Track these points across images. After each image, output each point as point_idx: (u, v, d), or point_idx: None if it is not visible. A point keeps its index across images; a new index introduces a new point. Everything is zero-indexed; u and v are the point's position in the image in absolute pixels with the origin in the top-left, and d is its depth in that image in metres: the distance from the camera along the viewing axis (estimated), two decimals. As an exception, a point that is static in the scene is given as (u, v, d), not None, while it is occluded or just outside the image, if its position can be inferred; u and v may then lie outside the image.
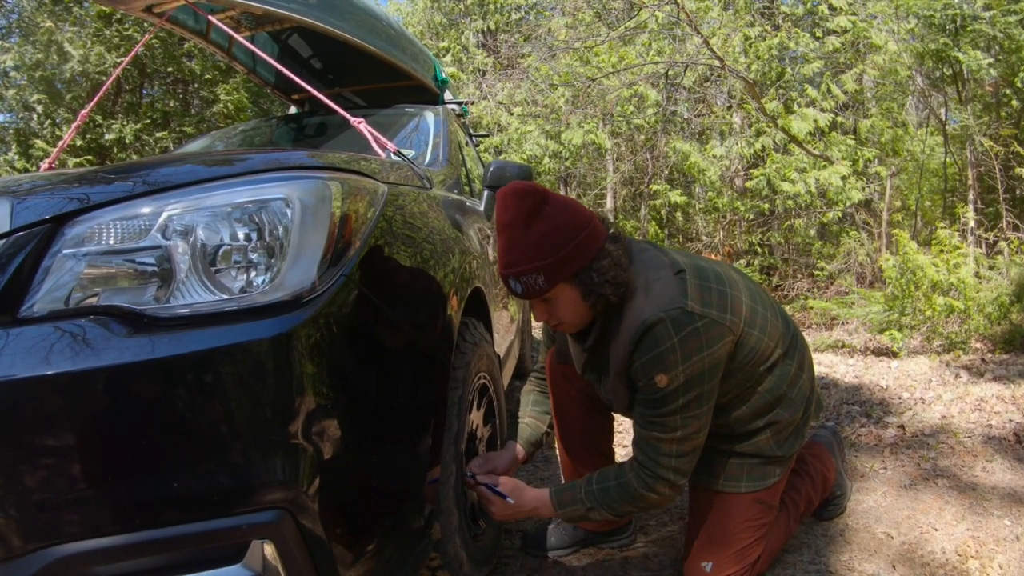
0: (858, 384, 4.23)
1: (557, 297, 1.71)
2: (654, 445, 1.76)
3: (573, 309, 1.74)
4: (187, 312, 1.15)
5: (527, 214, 1.63)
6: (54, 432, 1.06)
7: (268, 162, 1.39)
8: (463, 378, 1.73)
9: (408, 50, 3.65)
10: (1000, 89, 6.00)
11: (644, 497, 1.79)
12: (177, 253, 1.18)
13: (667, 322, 1.65)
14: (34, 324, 1.11)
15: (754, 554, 1.98)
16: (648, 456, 1.78)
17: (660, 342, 1.65)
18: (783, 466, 1.98)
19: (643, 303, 1.70)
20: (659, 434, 1.74)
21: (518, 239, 1.63)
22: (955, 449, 3.07)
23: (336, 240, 1.27)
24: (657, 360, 1.66)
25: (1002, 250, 5.61)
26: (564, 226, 1.65)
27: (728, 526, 1.94)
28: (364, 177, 1.50)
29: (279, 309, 1.17)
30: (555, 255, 1.63)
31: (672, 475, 1.77)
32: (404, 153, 2.46)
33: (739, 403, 1.88)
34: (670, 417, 1.72)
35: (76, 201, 1.21)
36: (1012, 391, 3.83)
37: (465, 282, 1.90)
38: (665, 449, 1.75)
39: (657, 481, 1.77)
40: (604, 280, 1.67)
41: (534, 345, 5.75)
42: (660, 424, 1.73)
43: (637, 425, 1.81)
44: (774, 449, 1.92)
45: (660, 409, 1.72)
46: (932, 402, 3.76)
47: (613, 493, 1.82)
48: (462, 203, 2.39)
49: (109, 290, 1.16)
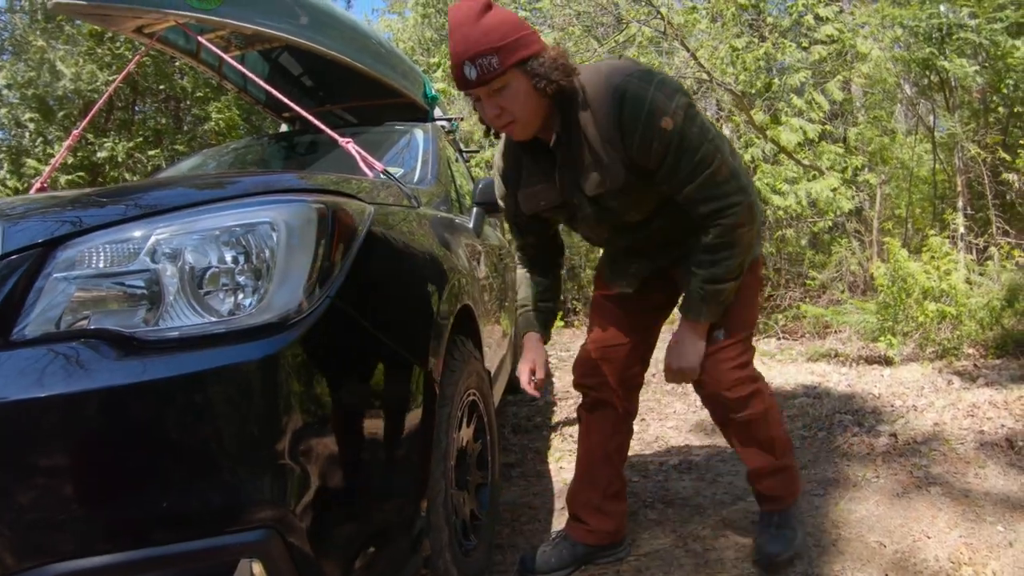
0: (850, 393, 4.25)
1: (509, 86, 1.71)
2: (711, 183, 1.77)
3: (524, 100, 1.73)
4: (176, 335, 1.17)
5: (478, 11, 1.68)
6: (47, 453, 1.08)
7: (257, 185, 1.42)
8: (451, 395, 1.74)
9: (398, 67, 3.67)
10: (987, 96, 6.05)
11: (740, 234, 1.82)
12: (165, 276, 1.20)
13: (635, 77, 1.73)
14: (26, 347, 1.13)
15: (753, 320, 2.14)
16: (714, 197, 1.78)
17: (642, 96, 1.71)
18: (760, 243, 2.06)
19: (601, 80, 1.76)
20: (707, 170, 1.76)
21: (470, 31, 1.67)
22: (948, 456, 3.08)
23: (322, 262, 1.29)
24: (651, 112, 1.70)
25: (992, 255, 5.65)
26: (511, 19, 1.72)
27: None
28: (350, 198, 1.52)
29: (266, 331, 1.19)
30: (505, 40, 1.67)
31: (743, 196, 1.80)
32: (392, 172, 2.48)
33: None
34: (701, 148, 1.74)
35: (67, 225, 1.24)
36: (1005, 396, 3.85)
37: (454, 299, 1.91)
38: (721, 177, 1.77)
39: (738, 211, 1.79)
40: (553, 66, 1.71)
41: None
42: (700, 161, 1.75)
43: (681, 187, 1.80)
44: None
45: (687, 147, 1.73)
46: (924, 409, 3.77)
47: (721, 263, 1.85)
48: (451, 220, 2.40)
49: (99, 313, 1.18)
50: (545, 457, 3.39)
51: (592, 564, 2.35)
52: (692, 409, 3.98)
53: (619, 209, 1.88)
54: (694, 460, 3.22)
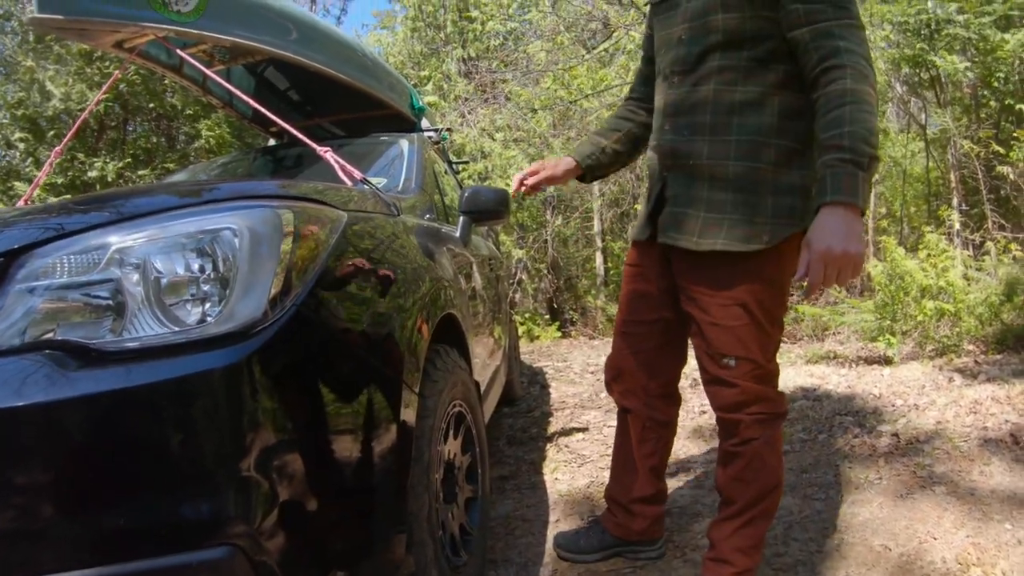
0: (851, 394, 4.19)
1: None
2: (848, 28, 1.58)
3: None
4: (136, 345, 1.14)
5: None
6: (2, 467, 1.05)
7: (230, 192, 1.39)
8: (434, 407, 1.68)
9: (384, 79, 3.65)
10: (978, 91, 6.03)
11: (867, 92, 1.55)
12: (130, 285, 1.17)
13: None
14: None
15: (775, 342, 1.85)
16: (850, 40, 1.57)
17: None
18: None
19: None
20: (848, 20, 1.59)
21: None
22: (951, 454, 3.02)
23: (288, 269, 1.25)
24: None
25: (989, 251, 5.61)
26: None
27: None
28: (324, 205, 1.48)
29: (229, 340, 1.15)
30: None
31: (869, 66, 1.58)
32: (376, 182, 2.45)
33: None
34: (851, 5, 1.61)
35: (31, 235, 1.21)
36: (1007, 391, 3.80)
37: (436, 308, 1.86)
38: (861, 35, 1.60)
39: (871, 68, 1.58)
40: None
41: (523, 370, 5.72)
42: (844, 7, 1.60)
43: (814, 19, 1.60)
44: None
45: None
46: (926, 408, 3.72)
47: (862, 111, 1.53)
48: (436, 230, 2.35)
49: (65, 324, 1.15)
50: (540, 468, 3.33)
51: (625, 559, 2.29)
52: (691, 415, 3.92)
53: (716, 7, 1.70)
54: (692, 467, 3.17)
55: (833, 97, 1.56)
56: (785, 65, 1.71)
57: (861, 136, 1.51)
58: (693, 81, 1.78)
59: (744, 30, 1.70)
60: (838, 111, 1.54)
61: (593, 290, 8.99)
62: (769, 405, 1.85)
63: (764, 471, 1.90)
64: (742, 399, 1.83)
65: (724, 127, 1.74)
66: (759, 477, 1.90)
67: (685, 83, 1.80)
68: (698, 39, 1.76)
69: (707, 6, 1.74)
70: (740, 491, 1.92)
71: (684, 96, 1.80)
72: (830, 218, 1.50)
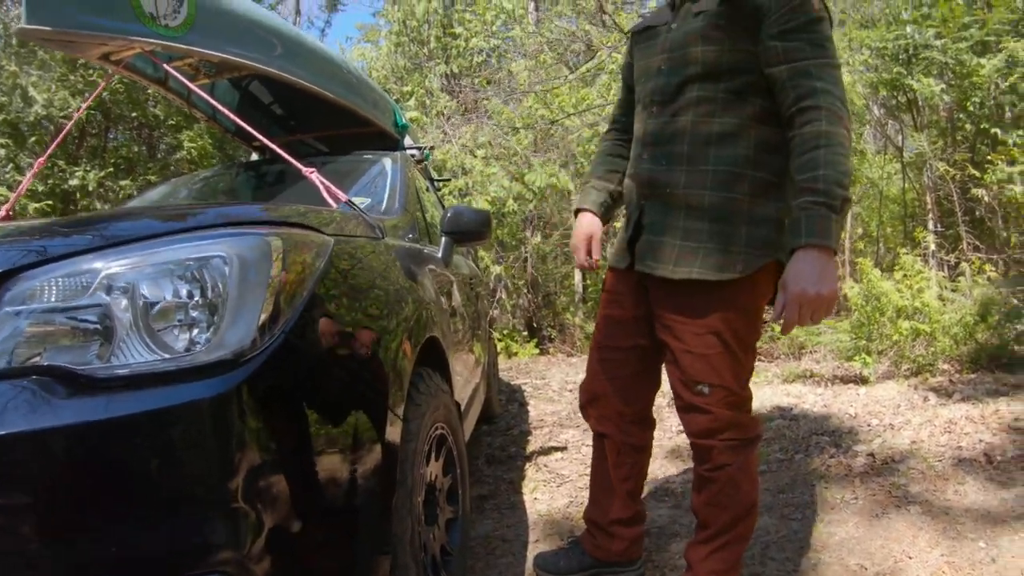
0: (827, 413, 4.24)
1: None
2: (824, 68, 1.64)
3: None
4: (126, 372, 1.14)
5: None
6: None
7: (218, 217, 1.41)
8: (417, 430, 1.69)
9: (368, 97, 3.66)
10: (954, 114, 6.14)
11: (841, 134, 1.60)
12: (118, 310, 1.17)
13: None
14: None
15: (748, 369, 1.88)
16: (826, 81, 1.63)
17: None
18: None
19: None
20: (825, 59, 1.64)
21: None
22: (926, 474, 3.07)
23: (277, 296, 1.26)
24: None
25: (964, 271, 5.70)
26: None
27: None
28: (310, 231, 1.49)
29: (218, 369, 1.15)
30: None
31: (843, 106, 1.63)
32: (359, 202, 2.46)
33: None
34: (829, 43, 1.66)
35: (19, 257, 1.21)
36: (981, 410, 3.86)
37: (419, 331, 1.87)
38: (837, 74, 1.65)
39: (845, 110, 1.63)
40: None
41: (501, 388, 5.73)
42: (822, 46, 1.65)
43: (792, 57, 1.65)
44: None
45: (820, 28, 1.66)
46: (901, 427, 3.77)
47: (836, 154, 1.58)
48: (418, 251, 2.37)
49: (52, 348, 1.15)
50: (519, 488, 3.34)
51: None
52: (668, 435, 3.95)
53: (696, 39, 1.76)
54: (671, 487, 3.19)
55: (808, 139, 1.61)
56: (762, 99, 1.75)
57: (834, 179, 1.56)
58: (671, 112, 1.82)
59: (722, 62, 1.74)
60: (813, 153, 1.59)
61: (571, 307, 9.02)
62: (742, 431, 1.88)
63: (738, 496, 1.92)
64: (715, 425, 1.86)
65: (701, 157, 1.77)
66: (733, 502, 1.92)
67: (664, 113, 1.84)
68: (677, 70, 1.81)
69: (687, 38, 1.79)
70: (715, 515, 1.95)
71: (662, 126, 1.84)
72: (804, 261, 1.56)
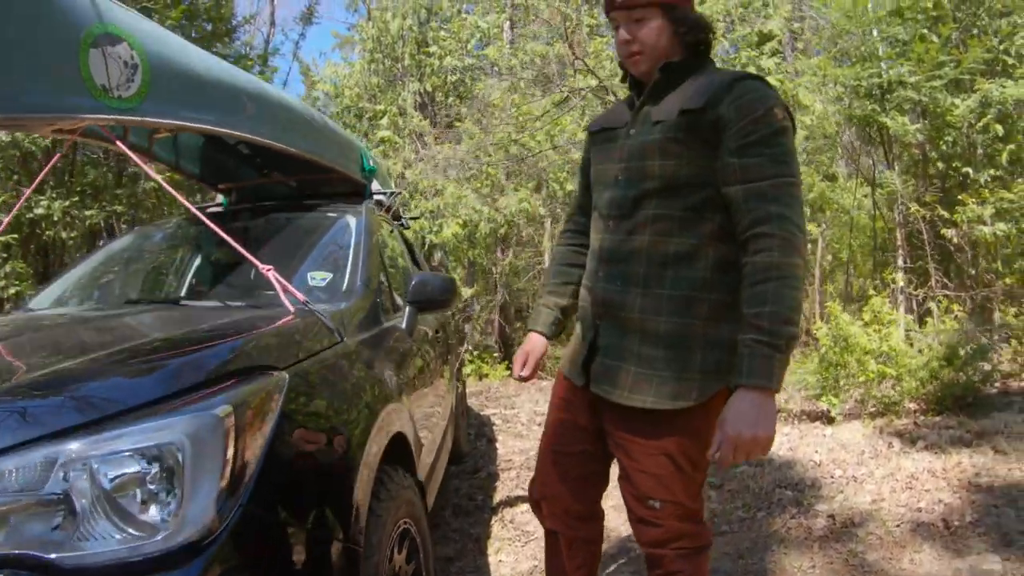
0: (792, 459, 4.26)
1: (647, 21, 1.76)
2: (782, 188, 1.61)
3: (656, 38, 1.77)
4: (94, 562, 1.15)
5: None
6: None
7: (182, 371, 1.45)
8: (378, 542, 1.70)
9: (335, 145, 3.63)
10: (927, 151, 6.19)
11: (794, 264, 1.58)
12: (79, 492, 1.20)
13: (761, 80, 1.72)
14: None
15: (698, 485, 1.87)
16: (782, 204, 1.60)
17: (762, 88, 1.68)
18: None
19: (727, 71, 1.78)
20: (786, 179, 1.62)
21: None
22: (883, 540, 3.09)
23: (232, 468, 1.28)
24: (769, 97, 1.66)
25: (931, 311, 5.76)
26: None
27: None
28: (266, 372, 1.51)
29: (182, 557, 1.18)
30: None
31: (800, 231, 1.60)
32: (319, 278, 2.46)
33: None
34: (789, 157, 1.64)
35: None
36: (943, 463, 3.90)
37: (383, 432, 1.88)
38: (795, 192, 1.63)
39: (800, 236, 1.60)
40: (694, 23, 1.77)
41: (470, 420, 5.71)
42: (785, 162, 1.63)
43: (750, 177, 1.63)
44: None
45: (782, 141, 1.65)
46: (864, 480, 3.80)
47: (787, 289, 1.56)
48: (380, 337, 2.36)
49: (15, 532, 1.17)
50: (485, 547, 3.33)
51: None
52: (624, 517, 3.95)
53: (654, 152, 1.75)
54: (632, 554, 3.19)
55: (760, 269, 1.59)
56: (721, 215, 1.72)
57: (782, 317, 1.55)
58: (628, 228, 1.79)
59: (680, 177, 1.72)
60: (763, 286, 1.58)
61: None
62: (693, 540, 1.87)
63: None
64: (667, 536, 1.84)
65: (657, 279, 1.75)
66: None
67: (620, 229, 1.81)
68: (634, 183, 1.78)
69: (645, 149, 1.77)
70: None
71: (619, 243, 1.81)
72: (743, 402, 1.56)
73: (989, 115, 5.55)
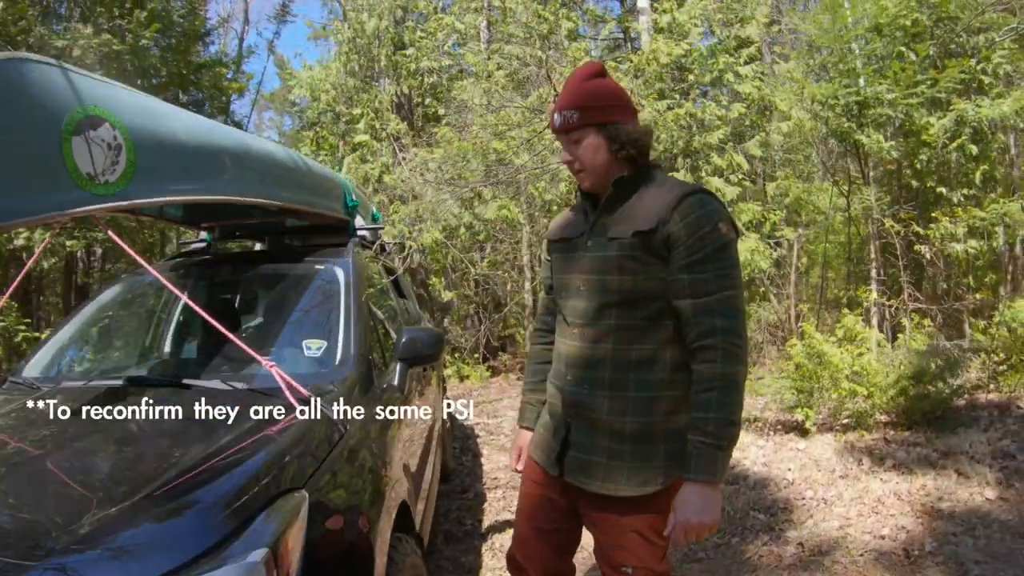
0: (766, 477, 4.44)
1: (583, 141, 1.92)
2: (728, 303, 1.78)
3: (594, 155, 1.92)
4: None
5: (586, 75, 1.95)
6: None
7: (222, 512, 1.53)
8: None
9: (317, 188, 3.67)
10: (901, 168, 6.29)
11: (738, 372, 1.78)
12: None
13: (708, 193, 1.88)
14: None
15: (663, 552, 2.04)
16: (726, 317, 1.78)
17: (708, 203, 1.84)
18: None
19: (673, 182, 1.94)
20: (729, 292, 1.79)
21: (572, 87, 1.94)
22: (848, 569, 3.27)
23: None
24: (715, 212, 1.82)
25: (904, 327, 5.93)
26: (611, 88, 1.96)
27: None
28: (287, 496, 1.65)
29: None
30: (592, 102, 1.90)
31: (742, 341, 1.80)
32: (315, 347, 2.64)
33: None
34: (733, 270, 1.82)
35: None
36: (909, 484, 4.09)
37: (391, 508, 2.07)
38: (738, 304, 1.80)
39: (742, 346, 1.79)
40: (629, 139, 1.90)
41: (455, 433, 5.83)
42: (728, 276, 1.80)
43: (697, 292, 1.80)
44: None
45: (726, 255, 1.81)
46: (833, 503, 3.98)
47: (728, 396, 1.77)
48: (377, 406, 2.47)
49: None
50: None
51: None
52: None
53: (612, 267, 1.90)
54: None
55: (706, 378, 1.79)
56: (673, 320, 1.89)
57: (725, 421, 1.76)
58: (593, 337, 1.96)
59: (637, 291, 1.88)
60: (708, 395, 1.78)
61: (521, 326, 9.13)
62: None
63: None
64: None
65: (622, 383, 1.92)
66: None
67: (585, 337, 1.97)
68: (595, 295, 1.94)
69: (604, 265, 1.92)
70: None
71: (584, 350, 1.98)
72: (692, 494, 1.78)
73: (964, 135, 5.68)
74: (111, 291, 3.51)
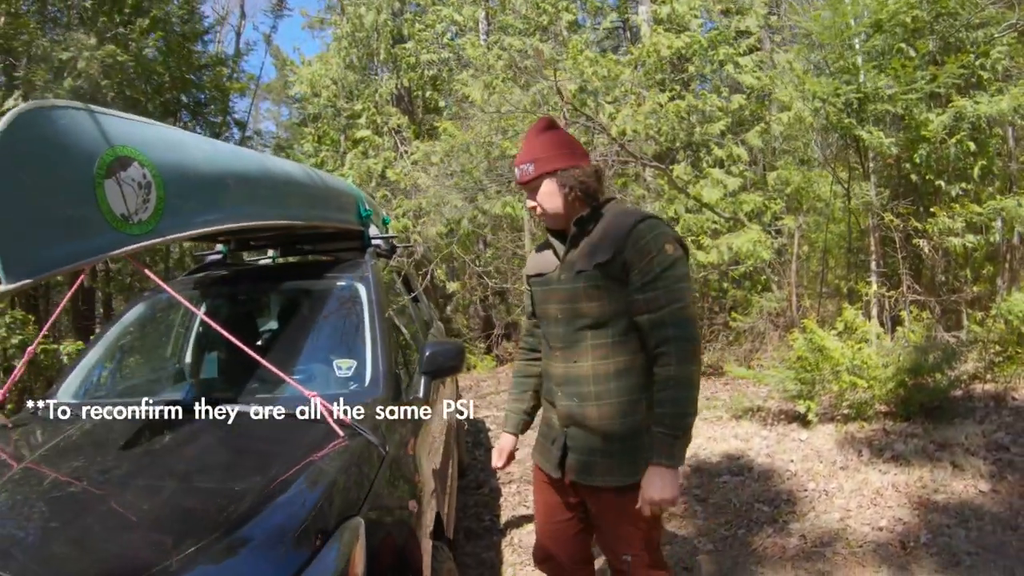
0: (770, 468, 4.62)
1: (541, 187, 2.22)
2: (677, 314, 2.05)
3: (550, 199, 2.22)
4: None
5: (540, 128, 2.28)
6: None
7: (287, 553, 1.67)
8: None
9: (332, 202, 3.77)
10: (901, 163, 6.36)
11: (692, 372, 2.06)
12: None
13: (654, 219, 2.15)
14: None
15: (658, 539, 2.35)
16: (677, 327, 2.05)
17: (655, 227, 2.11)
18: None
19: (624, 213, 2.19)
20: (678, 305, 2.06)
21: (528, 142, 2.27)
22: (848, 560, 3.46)
23: None
24: (661, 235, 2.09)
25: (903, 320, 6.06)
26: (560, 138, 2.28)
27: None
28: (343, 525, 1.78)
29: None
30: (545, 153, 2.21)
31: (695, 341, 2.08)
32: (344, 367, 2.80)
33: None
34: (680, 284, 2.08)
35: None
36: (906, 476, 4.26)
37: (429, 520, 2.26)
38: (688, 314, 2.07)
39: (692, 349, 2.07)
40: (578, 182, 2.18)
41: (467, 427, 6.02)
42: (677, 290, 2.06)
43: (652, 308, 2.07)
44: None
45: (674, 272, 2.07)
46: (834, 495, 4.16)
47: (682, 393, 2.05)
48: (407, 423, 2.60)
49: None
50: (500, 572, 3.67)
51: None
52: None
53: (581, 296, 2.17)
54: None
55: (663, 380, 2.08)
56: (640, 333, 2.16)
57: (679, 414, 2.05)
58: (574, 358, 2.23)
59: (606, 314, 2.16)
60: (664, 393, 2.07)
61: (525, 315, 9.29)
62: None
63: None
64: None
65: (606, 393, 2.19)
66: None
67: (567, 358, 2.25)
68: (571, 321, 2.22)
69: (574, 294, 2.19)
70: None
71: (568, 370, 2.25)
72: (655, 475, 2.06)
73: (963, 131, 5.78)
74: (136, 310, 3.51)
